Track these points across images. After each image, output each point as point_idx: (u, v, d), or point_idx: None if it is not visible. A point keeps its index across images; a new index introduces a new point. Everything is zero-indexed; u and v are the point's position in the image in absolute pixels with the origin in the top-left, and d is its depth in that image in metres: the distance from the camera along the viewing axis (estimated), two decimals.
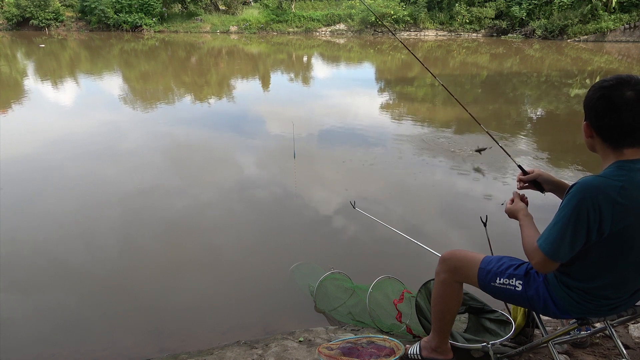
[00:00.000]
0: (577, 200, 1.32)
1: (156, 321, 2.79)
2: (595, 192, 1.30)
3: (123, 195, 4.63)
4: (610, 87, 1.32)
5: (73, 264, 3.38)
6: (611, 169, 1.36)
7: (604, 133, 1.38)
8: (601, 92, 1.34)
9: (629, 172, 1.33)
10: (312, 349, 2.22)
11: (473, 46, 21.29)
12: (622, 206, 1.30)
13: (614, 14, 22.02)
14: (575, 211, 1.32)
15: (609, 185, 1.30)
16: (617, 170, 1.34)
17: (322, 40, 24.60)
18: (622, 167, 1.34)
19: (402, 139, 6.57)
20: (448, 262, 1.74)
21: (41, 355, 2.49)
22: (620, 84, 1.31)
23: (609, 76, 1.37)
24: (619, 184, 1.30)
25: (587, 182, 1.33)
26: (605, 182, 1.31)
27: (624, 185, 1.30)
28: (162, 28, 26.87)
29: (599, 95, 1.34)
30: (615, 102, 1.31)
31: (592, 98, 1.37)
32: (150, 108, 9.21)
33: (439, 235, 3.84)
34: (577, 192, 1.33)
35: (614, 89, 1.31)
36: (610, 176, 1.33)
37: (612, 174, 1.33)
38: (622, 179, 1.31)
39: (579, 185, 1.34)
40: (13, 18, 26.00)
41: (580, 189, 1.33)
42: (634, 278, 1.44)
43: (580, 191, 1.32)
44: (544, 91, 11.26)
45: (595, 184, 1.31)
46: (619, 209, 1.30)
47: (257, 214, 4.29)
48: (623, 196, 1.30)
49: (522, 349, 1.85)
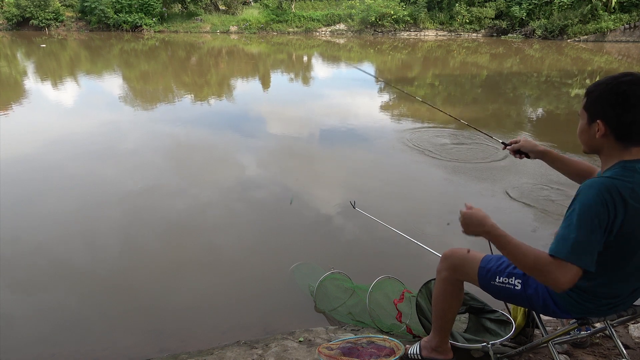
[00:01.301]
0: (594, 197, 1.27)
1: (156, 321, 2.79)
2: (610, 190, 1.27)
3: (123, 195, 4.63)
4: (629, 83, 1.29)
5: (73, 263, 3.38)
6: (617, 169, 1.33)
7: (621, 130, 1.33)
8: (621, 89, 1.30)
9: (634, 172, 1.31)
10: (312, 349, 2.22)
11: (473, 46, 21.28)
12: (633, 208, 1.28)
13: (614, 14, 22.02)
14: (594, 208, 1.26)
15: (622, 185, 1.28)
16: (624, 171, 1.32)
17: (322, 40, 24.60)
18: (627, 167, 1.32)
19: (402, 139, 6.56)
20: (449, 259, 1.74)
21: (41, 355, 2.49)
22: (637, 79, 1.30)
23: (616, 74, 1.34)
24: (630, 185, 1.29)
25: (598, 181, 1.30)
26: (618, 183, 1.28)
27: (634, 187, 1.29)
28: (162, 28, 26.87)
29: (617, 90, 1.30)
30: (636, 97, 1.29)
31: (611, 93, 1.32)
32: (150, 108, 9.21)
33: (439, 235, 3.84)
34: (592, 190, 1.28)
35: (632, 84, 1.29)
36: (619, 176, 1.30)
37: (621, 175, 1.31)
38: (631, 180, 1.29)
39: (591, 184, 1.30)
40: (13, 18, 25.99)
41: (594, 186, 1.28)
42: (635, 279, 1.44)
43: (596, 188, 1.28)
44: (544, 91, 11.26)
45: (608, 183, 1.28)
46: (630, 211, 1.28)
47: (257, 214, 4.29)
48: (634, 198, 1.28)
49: (522, 349, 1.85)
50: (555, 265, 1.26)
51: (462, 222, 1.45)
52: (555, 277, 1.25)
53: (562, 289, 1.26)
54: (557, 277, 1.25)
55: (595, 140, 1.39)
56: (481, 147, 6.14)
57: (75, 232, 3.88)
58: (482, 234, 1.42)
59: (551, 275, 1.25)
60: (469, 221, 1.44)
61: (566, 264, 1.24)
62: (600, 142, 1.38)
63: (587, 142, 1.44)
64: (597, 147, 1.41)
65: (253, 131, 7.29)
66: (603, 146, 1.39)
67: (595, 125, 1.37)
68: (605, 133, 1.36)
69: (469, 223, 1.44)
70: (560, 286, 1.26)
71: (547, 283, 1.28)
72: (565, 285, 1.25)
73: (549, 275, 1.26)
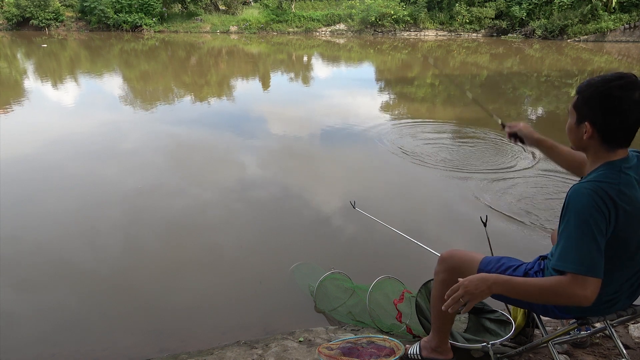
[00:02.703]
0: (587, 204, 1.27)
1: (156, 321, 2.79)
2: (600, 194, 1.28)
3: (122, 195, 4.63)
4: (620, 87, 1.29)
5: (73, 264, 3.38)
6: (602, 170, 1.34)
7: (607, 133, 1.34)
8: (613, 93, 1.29)
9: (620, 172, 1.32)
10: (312, 349, 2.22)
11: (473, 46, 21.28)
12: (622, 208, 1.30)
13: (614, 14, 22.01)
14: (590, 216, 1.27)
15: (609, 188, 1.29)
16: (609, 172, 1.33)
17: (322, 40, 24.60)
18: (611, 168, 1.33)
19: (401, 139, 6.56)
20: (447, 261, 1.74)
21: (41, 355, 2.49)
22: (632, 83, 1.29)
23: (609, 74, 1.33)
24: (617, 186, 1.30)
25: (586, 187, 1.30)
26: (605, 186, 1.29)
27: (620, 188, 1.30)
28: (162, 28, 26.86)
29: (608, 95, 1.30)
30: (627, 103, 1.28)
31: (601, 97, 1.32)
32: (151, 108, 9.21)
33: (439, 235, 3.84)
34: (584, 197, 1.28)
35: (624, 89, 1.29)
36: (605, 179, 1.31)
37: (607, 177, 1.32)
38: (617, 180, 1.31)
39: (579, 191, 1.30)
40: (13, 18, 25.99)
41: (585, 193, 1.29)
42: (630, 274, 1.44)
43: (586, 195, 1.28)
44: (544, 91, 11.26)
45: (596, 188, 1.29)
46: (620, 211, 1.30)
47: (257, 214, 4.29)
48: (621, 199, 1.30)
49: (522, 349, 1.85)
50: (573, 282, 1.25)
51: (467, 291, 1.36)
52: (578, 293, 1.24)
53: (590, 301, 1.25)
54: (580, 293, 1.24)
55: (583, 141, 1.40)
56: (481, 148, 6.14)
57: (75, 233, 3.88)
58: (492, 287, 1.35)
59: (573, 292, 1.25)
60: (472, 286, 1.36)
61: (582, 277, 1.25)
62: (587, 143, 1.40)
63: (574, 141, 1.45)
64: (584, 147, 1.42)
65: (253, 131, 7.29)
66: (589, 147, 1.40)
67: (584, 127, 1.38)
68: (592, 135, 1.37)
69: (473, 287, 1.36)
70: (587, 300, 1.25)
71: (573, 301, 1.26)
72: (591, 297, 1.24)
73: (571, 293, 1.25)
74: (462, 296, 1.36)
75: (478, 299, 1.36)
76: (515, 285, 1.34)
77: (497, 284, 1.35)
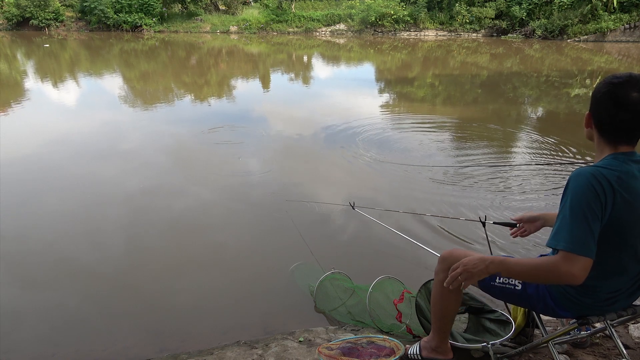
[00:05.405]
0: (584, 185, 1.31)
1: (156, 321, 2.79)
2: (598, 178, 1.31)
3: (122, 195, 4.63)
4: (618, 85, 1.33)
5: (73, 264, 3.38)
6: (607, 160, 1.38)
7: (601, 127, 1.41)
8: (608, 88, 1.35)
9: (623, 162, 1.36)
10: (312, 349, 2.22)
11: (473, 46, 21.28)
12: (620, 195, 1.32)
13: (614, 14, 22.00)
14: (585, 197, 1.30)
15: (609, 173, 1.33)
16: (613, 161, 1.37)
17: (322, 40, 24.59)
18: (617, 158, 1.37)
19: (401, 139, 6.56)
20: (447, 261, 1.74)
21: (41, 355, 2.49)
22: (629, 82, 1.32)
23: (620, 72, 1.37)
24: (616, 173, 1.33)
25: (587, 170, 1.34)
26: (605, 171, 1.33)
27: (620, 175, 1.33)
28: (162, 28, 26.85)
29: (605, 91, 1.36)
30: (619, 101, 1.32)
31: (599, 91, 1.38)
32: (151, 108, 9.21)
33: (439, 235, 3.84)
34: (581, 178, 1.33)
35: (621, 87, 1.32)
36: (606, 166, 1.35)
37: (608, 164, 1.36)
38: (618, 168, 1.34)
39: (579, 173, 1.35)
40: (13, 18, 25.98)
41: (583, 174, 1.33)
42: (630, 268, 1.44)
43: (584, 176, 1.32)
44: (544, 91, 11.26)
45: (595, 171, 1.33)
46: (617, 198, 1.32)
47: (257, 213, 4.29)
48: (620, 185, 1.32)
49: (522, 349, 1.85)
50: (563, 259, 1.28)
51: (466, 269, 1.45)
52: (567, 271, 1.27)
53: (579, 280, 1.27)
54: (568, 270, 1.27)
55: (587, 130, 1.49)
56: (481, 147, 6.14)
57: (75, 233, 3.88)
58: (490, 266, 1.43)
59: (562, 269, 1.27)
60: (471, 265, 1.45)
61: (571, 255, 1.27)
62: (590, 133, 1.47)
63: (585, 129, 1.51)
64: (590, 136, 1.49)
65: (253, 131, 7.28)
66: (593, 137, 1.47)
67: (588, 116, 1.46)
68: (591, 126, 1.45)
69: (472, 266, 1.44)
70: (575, 278, 1.27)
71: (563, 279, 1.30)
72: (579, 275, 1.26)
73: (561, 271, 1.28)
74: (461, 274, 1.45)
75: (476, 278, 1.45)
76: (511, 265, 1.40)
77: (494, 263, 1.42)
